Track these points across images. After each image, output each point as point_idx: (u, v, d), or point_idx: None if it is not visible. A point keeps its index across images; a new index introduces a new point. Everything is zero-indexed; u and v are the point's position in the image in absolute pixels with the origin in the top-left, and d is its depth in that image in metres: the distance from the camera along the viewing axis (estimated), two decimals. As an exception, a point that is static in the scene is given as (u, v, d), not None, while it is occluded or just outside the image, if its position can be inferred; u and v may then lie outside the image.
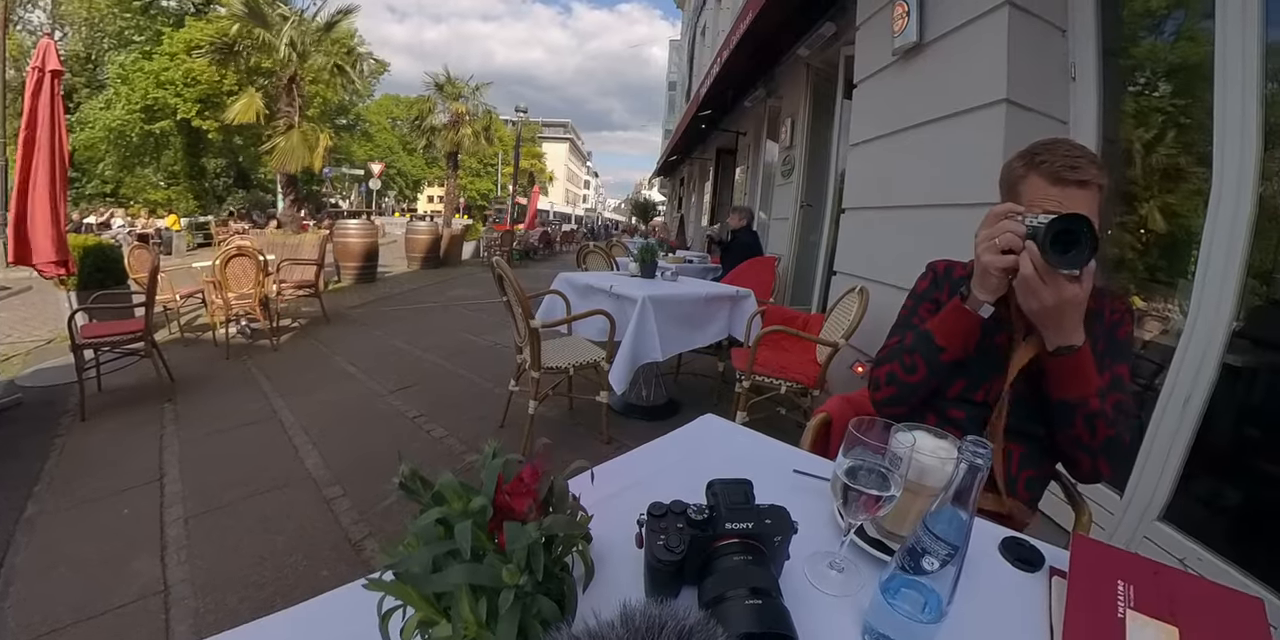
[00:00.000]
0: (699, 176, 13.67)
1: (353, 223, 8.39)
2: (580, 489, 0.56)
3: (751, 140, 7.75)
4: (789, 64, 5.41)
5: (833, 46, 4.37)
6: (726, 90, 6.86)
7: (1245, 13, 1.54)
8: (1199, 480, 1.67)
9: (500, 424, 2.80)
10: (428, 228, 10.67)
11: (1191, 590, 0.61)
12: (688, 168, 15.46)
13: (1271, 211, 1.57)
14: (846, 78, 3.83)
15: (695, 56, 14.63)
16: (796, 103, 5.25)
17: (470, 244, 12.43)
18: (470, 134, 14.19)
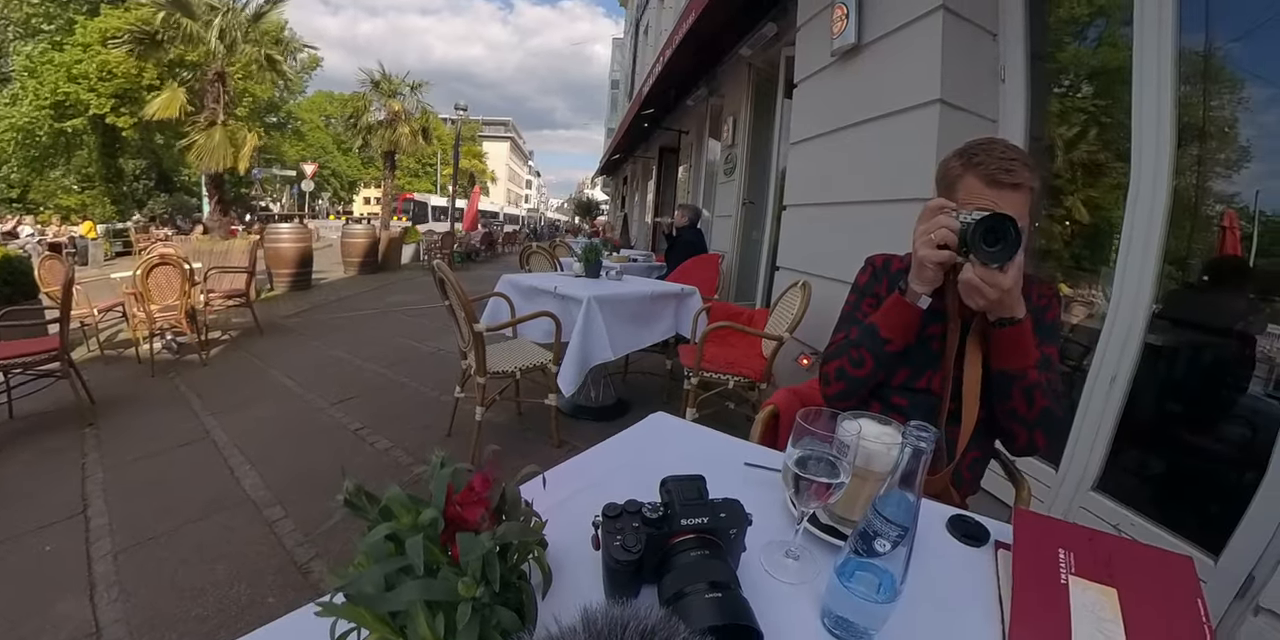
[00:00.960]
0: (642, 175, 13.74)
1: (285, 227, 7.95)
2: (533, 495, 0.56)
3: (694, 139, 7.86)
4: (731, 63, 5.52)
5: (774, 47, 4.49)
6: (669, 89, 6.93)
7: (1161, 21, 1.70)
8: (1127, 452, 1.83)
9: (447, 433, 2.73)
10: (365, 231, 10.25)
11: (1127, 553, 0.67)
12: (631, 166, 15.52)
13: (1185, 203, 1.73)
14: (787, 78, 3.96)
15: (638, 55, 14.71)
16: (738, 102, 5.37)
17: (410, 247, 12.04)
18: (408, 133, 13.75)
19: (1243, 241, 1.69)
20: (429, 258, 11.19)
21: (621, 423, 0.97)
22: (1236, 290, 1.72)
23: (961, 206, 0.90)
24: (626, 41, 20.55)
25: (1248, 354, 1.64)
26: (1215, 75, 1.73)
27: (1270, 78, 1.64)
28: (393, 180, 14.31)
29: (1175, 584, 0.62)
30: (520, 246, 9.22)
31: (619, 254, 5.37)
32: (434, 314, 5.88)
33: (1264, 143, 1.65)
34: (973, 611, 0.61)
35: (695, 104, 7.12)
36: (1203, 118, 1.74)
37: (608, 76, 35.04)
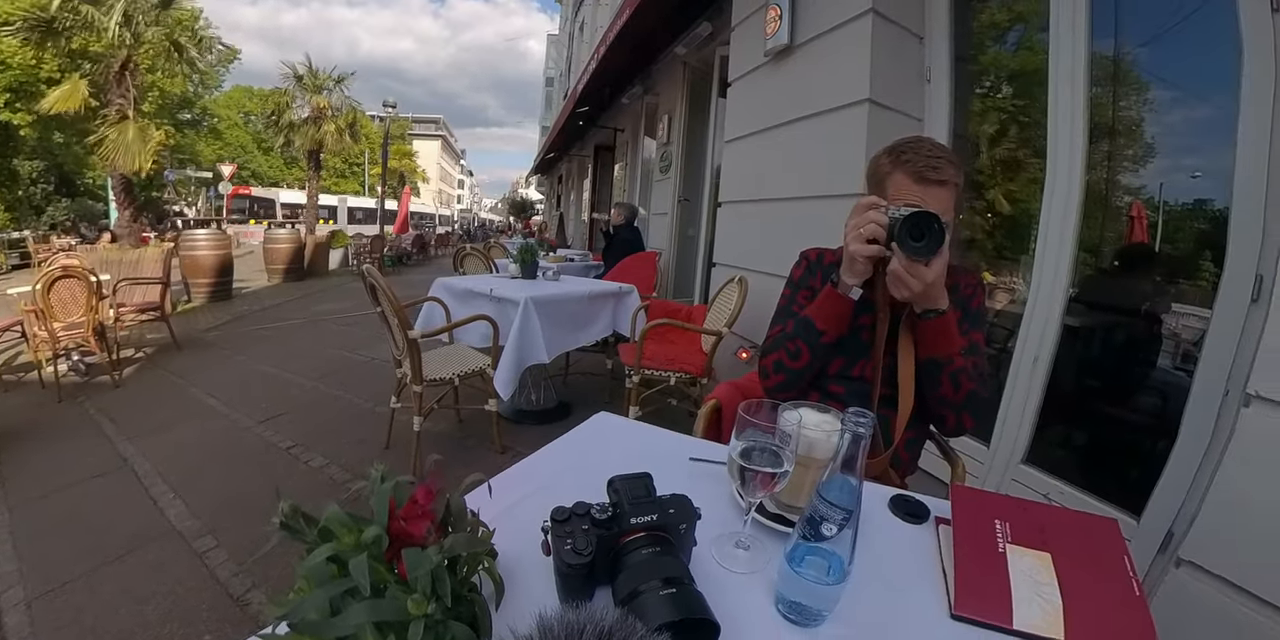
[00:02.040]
0: (578, 174, 13.71)
1: (201, 233, 7.37)
2: (479, 503, 0.54)
3: (630, 137, 7.91)
4: (666, 62, 5.58)
5: (709, 46, 4.57)
6: (604, 87, 6.94)
7: (1074, 27, 1.85)
8: (1052, 427, 1.98)
9: (385, 445, 2.65)
10: (288, 235, 9.68)
11: (1057, 520, 0.73)
12: (566, 165, 15.43)
13: (1097, 195, 1.89)
14: (721, 76, 4.04)
15: (574, 52, 14.64)
16: (674, 100, 5.44)
17: (338, 251, 11.50)
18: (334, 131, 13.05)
19: (1149, 230, 1.87)
20: (358, 262, 10.73)
21: (565, 425, 0.96)
22: (1144, 274, 1.90)
23: (890, 203, 0.95)
24: (562, 38, 20.40)
25: (1156, 332, 1.82)
26: (1124, 78, 1.90)
27: (1173, 80, 1.82)
28: (318, 181, 13.58)
29: (1103, 545, 0.69)
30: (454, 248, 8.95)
31: (555, 254, 5.36)
32: (365, 321, 5.64)
33: (1167, 140, 1.84)
34: (919, 584, 0.65)
35: (631, 102, 7.17)
36: (1112, 117, 1.91)
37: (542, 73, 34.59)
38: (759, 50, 2.96)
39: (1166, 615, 1.02)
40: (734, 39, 3.43)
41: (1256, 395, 1.24)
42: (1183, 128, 1.81)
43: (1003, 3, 2.32)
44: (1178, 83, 1.81)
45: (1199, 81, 1.74)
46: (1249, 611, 1.19)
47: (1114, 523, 0.72)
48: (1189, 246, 1.78)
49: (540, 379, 3.04)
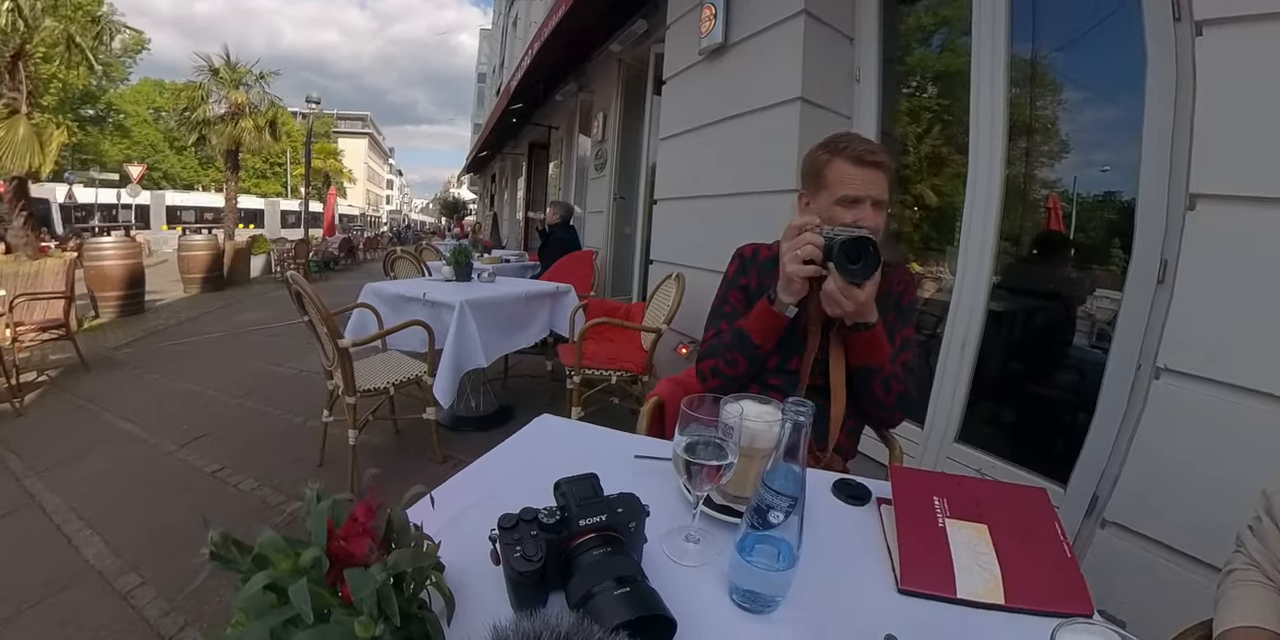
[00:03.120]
0: (511, 172, 13.56)
1: (108, 241, 6.69)
2: (422, 517, 0.54)
3: (564, 134, 7.89)
4: (601, 59, 5.59)
5: (644, 43, 4.60)
6: (538, 83, 6.89)
7: (995, 32, 1.99)
8: (981, 406, 2.13)
9: (319, 462, 2.53)
10: (205, 242, 8.97)
11: (991, 493, 0.78)
12: (499, 163, 15.22)
13: (1016, 189, 2.04)
14: (657, 74, 4.08)
15: (507, 47, 14.41)
16: (608, 97, 5.46)
17: (259, 258, 10.86)
18: (253, 128, 12.23)
19: (1064, 220, 2.03)
20: (282, 269, 10.18)
21: (506, 430, 0.96)
22: (1061, 261, 2.06)
23: (824, 223, 0.99)
24: (495, 33, 20.04)
25: (1073, 313, 1.98)
26: (1040, 80, 2.06)
27: (1084, 82, 1.99)
28: (236, 183, 12.75)
29: (1035, 513, 0.74)
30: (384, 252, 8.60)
31: (490, 255, 5.27)
32: (292, 331, 5.37)
33: (1080, 137, 2.00)
34: (866, 563, 0.68)
35: (565, 99, 7.13)
36: (1030, 116, 2.06)
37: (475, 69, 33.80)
38: (694, 48, 3.01)
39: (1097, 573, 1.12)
40: (669, 37, 3.48)
41: (1165, 368, 1.37)
42: (1094, 126, 1.98)
43: (928, 7, 2.45)
44: (1089, 85, 1.98)
45: (1108, 84, 1.90)
46: (1169, 563, 1.33)
47: (1043, 492, 0.78)
48: (1100, 235, 1.95)
49: (479, 384, 2.99)
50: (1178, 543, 1.32)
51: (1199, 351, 1.32)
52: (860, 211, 1.05)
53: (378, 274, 5.18)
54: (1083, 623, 0.42)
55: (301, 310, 2.28)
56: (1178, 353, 1.36)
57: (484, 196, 21.25)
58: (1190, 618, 0.78)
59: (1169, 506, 1.35)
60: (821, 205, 1.09)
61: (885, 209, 1.09)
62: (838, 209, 1.06)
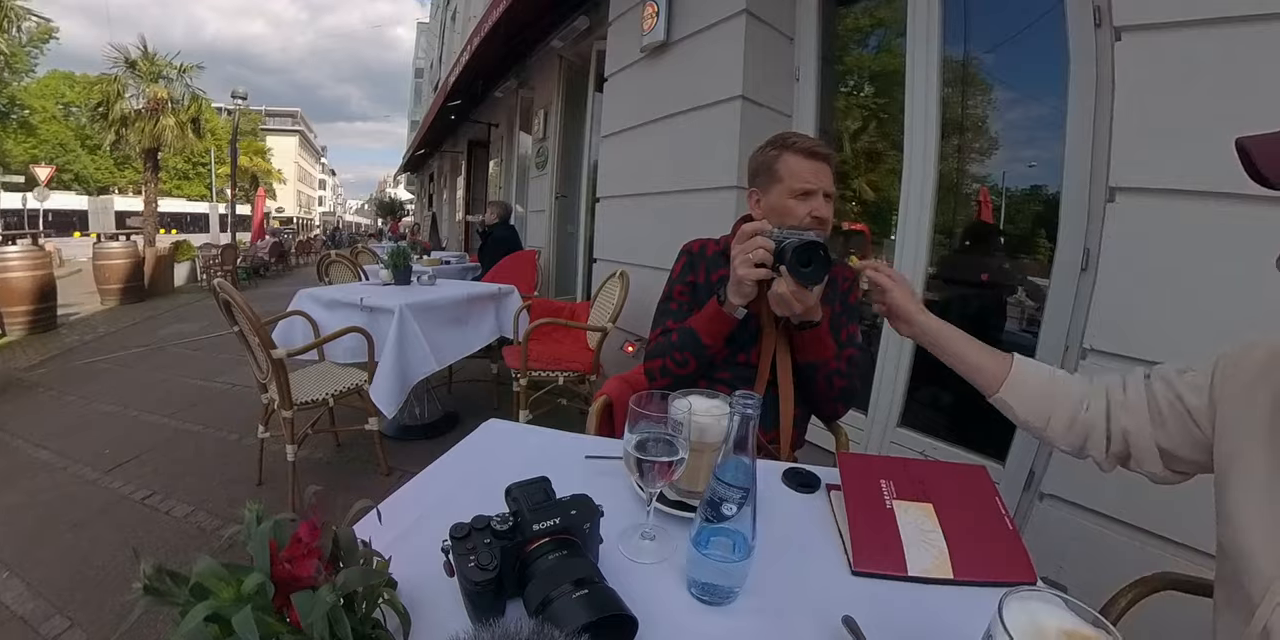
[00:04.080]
0: (450, 171, 13.32)
1: (13, 250, 6.05)
2: (370, 532, 0.52)
3: (505, 132, 7.80)
4: (542, 55, 5.54)
5: (586, 40, 4.59)
6: (477, 79, 6.78)
7: (929, 34, 2.09)
8: (922, 391, 2.23)
9: (258, 481, 2.40)
10: (124, 249, 8.24)
11: (934, 473, 0.82)
12: (438, 162, 14.94)
13: (949, 184, 2.15)
14: (599, 71, 4.08)
15: (445, 42, 14.08)
16: (549, 94, 5.43)
17: (184, 265, 10.23)
18: (174, 125, 11.37)
19: (995, 212, 2.16)
20: (208, 277, 9.61)
21: (453, 437, 0.94)
22: (992, 251, 2.17)
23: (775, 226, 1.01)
24: (433, 26, 19.53)
25: (1005, 300, 2.10)
26: (971, 80, 2.18)
27: (1012, 83, 2.12)
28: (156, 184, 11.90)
29: (977, 490, 0.79)
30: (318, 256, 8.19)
31: (430, 257, 5.15)
32: (223, 343, 5.09)
33: (1008, 134, 2.13)
34: (820, 549, 0.71)
35: (505, 96, 7.06)
36: (961, 115, 2.18)
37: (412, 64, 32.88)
38: (636, 46, 3.03)
39: (1037, 542, 1.20)
40: (611, 34, 3.48)
41: (1091, 349, 1.48)
42: (1021, 124, 2.11)
43: (866, 9, 2.55)
44: (1016, 85, 2.11)
45: (1034, 84, 2.03)
46: (1104, 530, 1.43)
47: (983, 469, 0.83)
48: (1028, 225, 2.08)
49: (423, 391, 2.91)
50: (1111, 510, 1.43)
51: (1121, 332, 1.44)
52: (814, 203, 1.10)
53: (312, 279, 4.95)
54: (1027, 590, 0.44)
55: (231, 320, 2.16)
56: (1102, 334, 1.48)
57: (422, 196, 20.73)
58: (1125, 578, 0.85)
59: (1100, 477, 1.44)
60: (775, 199, 1.13)
61: (833, 201, 1.14)
62: (792, 202, 1.10)
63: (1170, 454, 0.74)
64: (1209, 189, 1.23)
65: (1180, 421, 0.72)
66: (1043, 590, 0.46)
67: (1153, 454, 0.75)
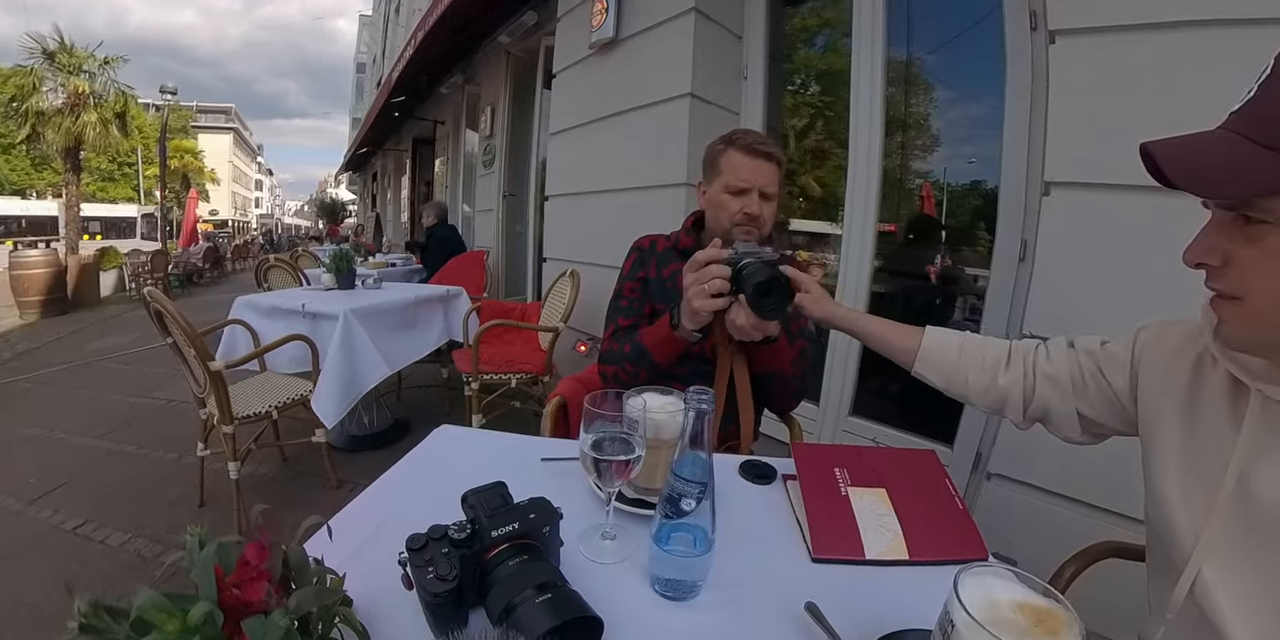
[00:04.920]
0: (394, 170, 13.01)
1: None
2: (322, 549, 0.51)
3: (450, 129, 7.66)
4: (489, 50, 5.46)
5: (534, 36, 4.55)
6: (421, 75, 6.62)
7: (873, 35, 2.16)
8: (871, 381, 2.31)
9: (199, 503, 2.30)
10: (43, 257, 7.63)
11: (886, 459, 0.86)
12: (381, 160, 14.52)
13: (892, 180, 2.23)
14: (547, 67, 4.06)
15: (389, 35, 13.68)
16: (496, 91, 5.36)
17: (110, 273, 9.60)
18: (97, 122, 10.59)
19: (937, 207, 2.25)
20: (138, 285, 9.08)
21: (404, 445, 0.92)
22: (935, 244, 2.26)
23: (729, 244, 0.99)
24: (376, 19, 18.96)
25: (948, 290, 2.20)
26: (914, 80, 2.26)
27: (952, 83, 2.21)
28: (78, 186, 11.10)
29: (927, 473, 0.82)
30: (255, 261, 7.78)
31: (375, 259, 5.00)
32: (156, 357, 4.81)
33: (949, 132, 2.22)
34: (779, 538, 0.73)
35: (450, 92, 6.93)
36: (904, 113, 2.27)
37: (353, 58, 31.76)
38: (585, 42, 3.02)
39: (987, 520, 1.26)
40: (560, 30, 3.46)
41: (1030, 335, 1.56)
42: (961, 122, 2.21)
43: (813, 9, 2.61)
44: (957, 85, 2.21)
45: (973, 84, 2.13)
46: (1048, 505, 1.53)
47: (932, 453, 0.87)
48: (968, 219, 2.18)
49: (371, 399, 2.83)
50: (1054, 486, 1.52)
51: (1059, 319, 1.53)
52: (748, 200, 1.11)
53: (250, 286, 4.74)
54: (980, 566, 0.46)
55: (164, 331, 2.05)
56: (1040, 321, 1.57)
57: (365, 196, 20.08)
58: (1071, 549, 0.90)
59: (1043, 456, 1.55)
60: (714, 193, 1.15)
61: (774, 200, 1.15)
62: (727, 197, 1.12)
63: (1090, 420, 0.79)
64: (1138, 183, 1.31)
65: (1101, 392, 0.77)
66: (994, 565, 0.48)
67: (1071, 419, 0.80)
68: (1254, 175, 0.48)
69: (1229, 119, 0.52)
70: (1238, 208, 0.51)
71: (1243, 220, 0.51)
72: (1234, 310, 0.54)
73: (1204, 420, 0.65)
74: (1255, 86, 0.51)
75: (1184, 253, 0.57)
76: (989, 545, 0.71)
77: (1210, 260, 0.54)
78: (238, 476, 2.08)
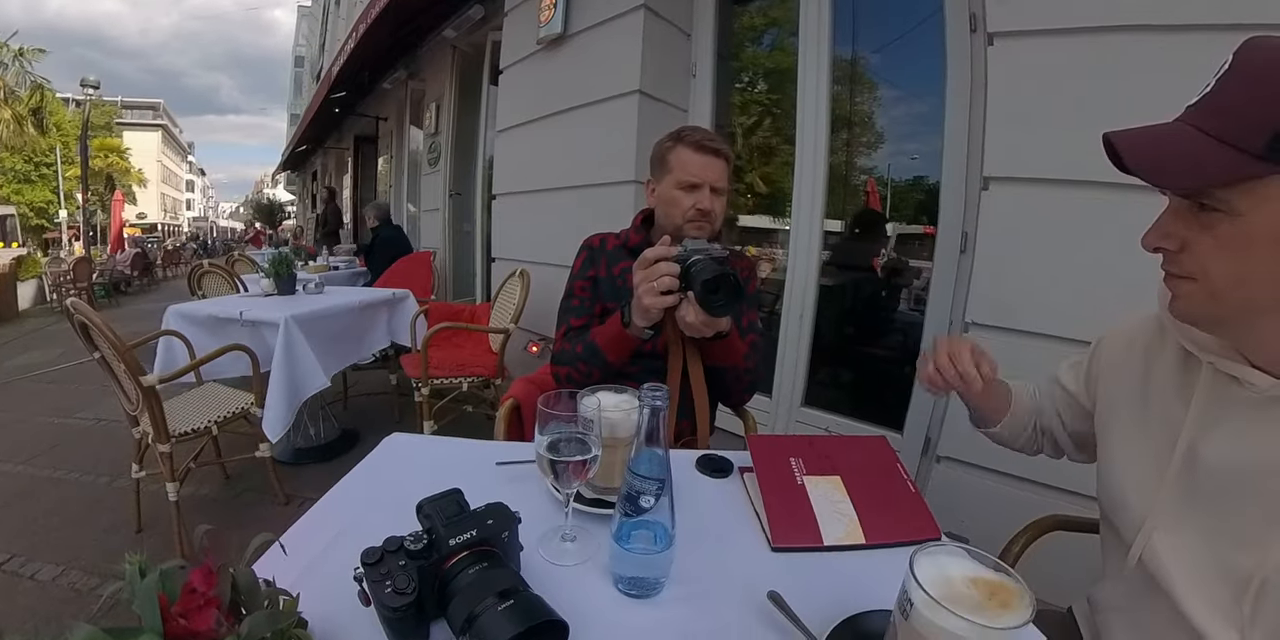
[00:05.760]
0: (336, 169, 12.56)
1: None
2: (273, 569, 0.49)
3: (394, 126, 7.44)
4: (433, 45, 5.33)
5: (481, 30, 4.47)
6: (363, 70, 6.41)
7: (819, 34, 2.22)
8: (822, 371, 2.40)
9: (137, 529, 2.16)
10: None
11: (839, 447, 0.88)
12: (321, 159, 13.97)
13: (838, 175, 2.31)
14: (494, 63, 4.00)
15: (329, 28, 13.15)
16: (442, 86, 5.25)
17: (28, 284, 8.95)
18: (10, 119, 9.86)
19: (881, 201, 2.33)
20: (59, 296, 8.48)
21: (354, 456, 0.89)
22: (880, 237, 2.35)
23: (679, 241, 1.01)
24: (315, 10, 18.30)
25: (893, 282, 2.29)
26: (859, 78, 2.34)
27: (896, 81, 2.30)
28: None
29: (879, 459, 0.85)
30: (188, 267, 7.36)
31: (317, 263, 4.81)
32: (83, 373, 4.52)
33: (893, 129, 2.32)
34: (739, 530, 0.74)
35: (394, 88, 6.75)
36: (850, 111, 2.34)
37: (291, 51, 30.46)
38: (532, 37, 2.99)
39: (938, 501, 1.33)
40: (507, 24, 3.42)
41: (973, 323, 1.66)
42: (904, 119, 2.30)
43: (760, 8, 2.66)
44: (900, 83, 2.30)
45: (916, 83, 2.22)
46: (996, 484, 1.61)
47: (883, 440, 0.90)
48: (911, 212, 2.27)
49: (317, 409, 2.72)
50: (1000, 466, 1.61)
51: (999, 306, 1.61)
52: (699, 195, 1.13)
53: (183, 294, 4.50)
54: (934, 546, 0.49)
55: (91, 346, 1.93)
56: (981, 309, 1.65)
57: (304, 197, 19.28)
58: (1019, 524, 0.95)
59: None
60: (664, 190, 1.16)
61: (724, 196, 1.18)
62: (679, 193, 1.14)
63: (1078, 435, 0.86)
64: (1071, 177, 1.42)
65: (1068, 403, 0.84)
66: (947, 544, 0.50)
67: (1069, 443, 0.88)
68: (1207, 167, 0.51)
69: (1186, 112, 0.55)
70: (1193, 196, 0.54)
71: (1198, 207, 0.54)
72: (1188, 288, 0.58)
73: (1155, 397, 0.70)
74: (1213, 81, 0.53)
75: (1142, 237, 0.60)
76: (941, 525, 0.74)
77: (1167, 245, 0.58)
78: (177, 498, 1.95)
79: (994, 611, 0.43)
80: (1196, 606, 0.61)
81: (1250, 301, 0.55)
